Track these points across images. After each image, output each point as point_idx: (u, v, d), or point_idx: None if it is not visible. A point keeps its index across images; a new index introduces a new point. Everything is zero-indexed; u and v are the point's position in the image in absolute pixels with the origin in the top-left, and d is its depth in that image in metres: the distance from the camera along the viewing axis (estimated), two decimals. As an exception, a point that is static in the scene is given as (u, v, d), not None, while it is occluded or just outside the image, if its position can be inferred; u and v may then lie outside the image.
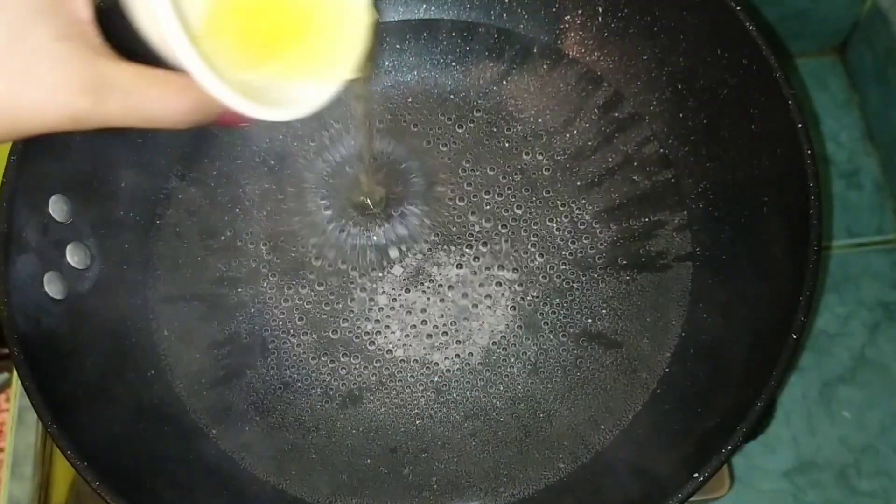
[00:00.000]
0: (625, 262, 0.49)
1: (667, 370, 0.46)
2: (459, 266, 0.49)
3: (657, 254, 0.49)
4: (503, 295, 0.48)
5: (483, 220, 0.50)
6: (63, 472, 0.51)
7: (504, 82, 0.54)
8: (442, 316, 0.48)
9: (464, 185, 0.51)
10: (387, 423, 0.46)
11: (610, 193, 0.50)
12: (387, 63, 0.54)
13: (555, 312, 0.48)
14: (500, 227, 0.50)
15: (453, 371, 0.47)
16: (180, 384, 0.46)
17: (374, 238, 0.50)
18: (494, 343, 0.47)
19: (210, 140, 0.52)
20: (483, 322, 0.48)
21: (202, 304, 0.48)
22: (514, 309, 0.48)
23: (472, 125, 0.53)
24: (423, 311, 0.48)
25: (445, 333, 0.47)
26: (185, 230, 0.50)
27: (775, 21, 0.62)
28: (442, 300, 0.48)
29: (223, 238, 0.50)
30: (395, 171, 0.52)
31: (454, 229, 0.50)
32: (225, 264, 0.49)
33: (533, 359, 0.47)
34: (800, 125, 0.42)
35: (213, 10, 0.31)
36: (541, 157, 0.52)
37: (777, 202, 0.44)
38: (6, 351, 0.39)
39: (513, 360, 0.47)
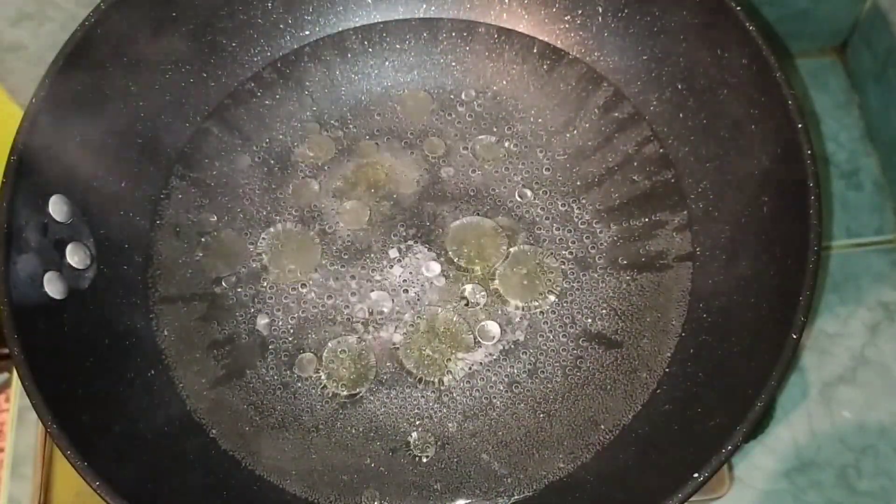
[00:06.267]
0: (625, 262, 0.49)
1: (667, 370, 0.46)
2: (459, 266, 0.49)
3: (657, 254, 0.49)
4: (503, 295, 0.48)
5: (482, 220, 0.50)
6: (63, 472, 0.52)
7: (504, 82, 0.54)
8: (442, 315, 0.48)
9: (463, 185, 0.51)
10: (387, 423, 0.46)
11: (610, 193, 0.50)
12: (387, 63, 0.54)
13: (555, 312, 0.48)
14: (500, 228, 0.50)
15: (453, 371, 0.47)
16: (180, 384, 0.46)
17: (373, 237, 0.50)
18: (495, 343, 0.47)
19: (210, 140, 0.52)
20: (483, 322, 0.48)
21: (202, 304, 0.48)
22: (515, 309, 0.48)
23: (471, 125, 0.53)
24: (423, 310, 0.48)
25: (445, 333, 0.47)
26: (185, 230, 0.50)
27: (775, 21, 0.62)
28: (442, 300, 0.48)
29: (223, 238, 0.50)
30: (394, 172, 0.52)
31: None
32: (225, 265, 0.49)
33: (533, 359, 0.47)
34: (800, 125, 0.42)
35: None
36: (541, 157, 0.52)
37: (777, 202, 0.44)
38: (6, 351, 0.39)
39: (513, 360, 0.47)
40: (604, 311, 0.48)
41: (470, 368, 0.47)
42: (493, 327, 0.47)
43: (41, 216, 0.43)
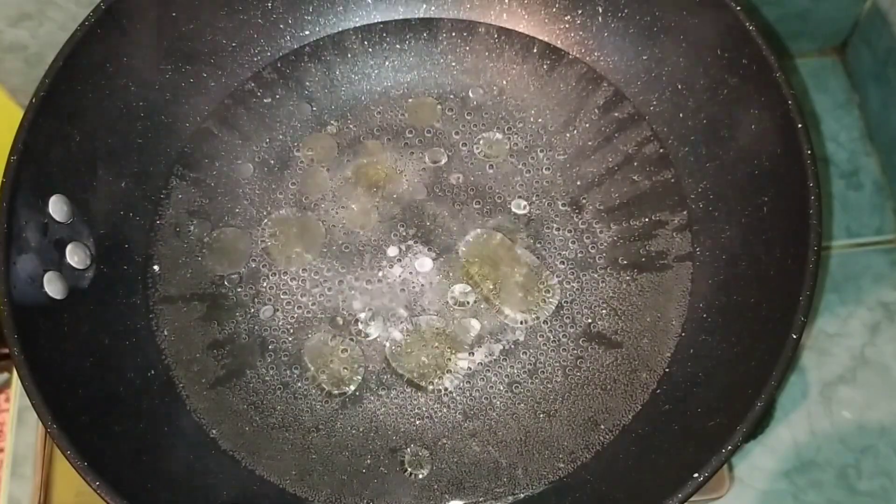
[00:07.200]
0: (625, 262, 0.49)
1: (667, 370, 0.46)
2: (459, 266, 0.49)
3: (657, 254, 0.49)
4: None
5: (483, 220, 0.50)
6: (63, 472, 0.52)
7: (504, 82, 0.54)
8: (441, 316, 0.48)
9: (463, 184, 0.51)
10: (387, 423, 0.46)
11: (610, 193, 0.50)
12: (387, 63, 0.54)
13: (555, 312, 0.48)
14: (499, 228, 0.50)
15: (453, 371, 0.47)
16: (180, 384, 0.46)
17: (373, 237, 0.50)
18: (494, 343, 0.47)
19: (210, 140, 0.52)
20: (483, 322, 0.48)
21: (202, 304, 0.48)
22: (515, 310, 0.48)
23: (471, 125, 0.53)
24: (423, 310, 0.48)
25: (445, 333, 0.47)
26: (185, 230, 0.50)
27: (775, 21, 0.62)
28: (441, 300, 0.48)
29: (223, 238, 0.50)
30: (394, 171, 0.52)
31: (454, 229, 0.50)
32: (225, 264, 0.49)
33: (533, 359, 0.47)
34: (800, 125, 0.42)
35: None
36: (541, 157, 0.52)
37: (777, 202, 0.44)
38: (6, 351, 0.39)
39: (513, 360, 0.47)
40: (604, 311, 0.48)
41: (469, 368, 0.47)
42: (473, 324, 0.47)
43: (41, 216, 0.43)
